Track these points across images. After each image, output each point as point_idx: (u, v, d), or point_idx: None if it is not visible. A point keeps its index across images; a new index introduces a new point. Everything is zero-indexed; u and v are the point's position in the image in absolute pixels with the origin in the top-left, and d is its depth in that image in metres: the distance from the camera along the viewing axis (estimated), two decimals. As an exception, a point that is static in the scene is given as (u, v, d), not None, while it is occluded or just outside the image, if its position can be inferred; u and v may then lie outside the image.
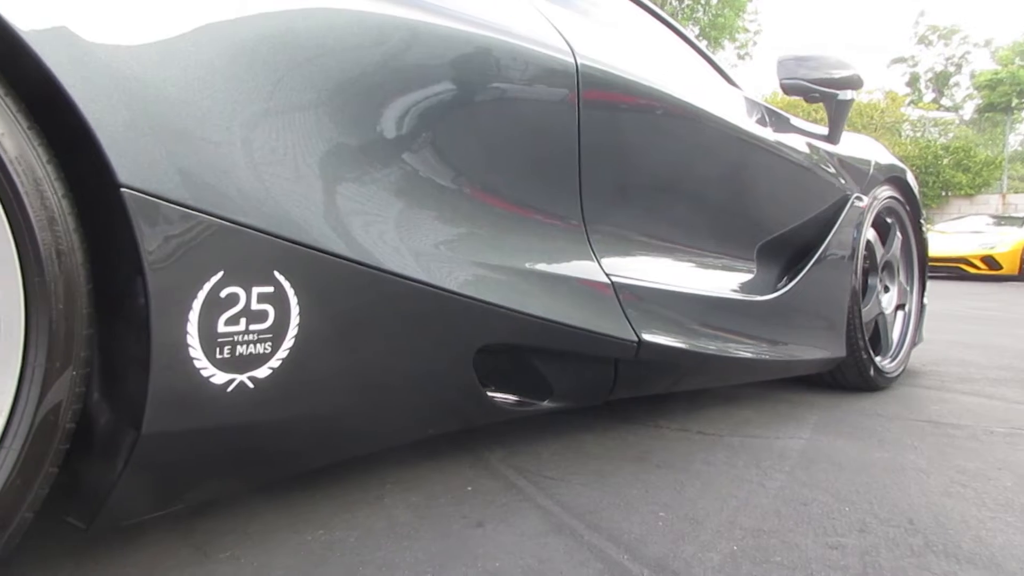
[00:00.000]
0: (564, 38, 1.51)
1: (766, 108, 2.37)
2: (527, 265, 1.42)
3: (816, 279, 2.30)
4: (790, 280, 2.24)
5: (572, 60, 1.50)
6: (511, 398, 1.53)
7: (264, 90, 1.02)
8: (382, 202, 1.18)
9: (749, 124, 2.17)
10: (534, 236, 1.46)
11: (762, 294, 2.15)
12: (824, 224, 2.40)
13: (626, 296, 1.62)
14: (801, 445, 1.89)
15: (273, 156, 1.02)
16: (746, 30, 27.51)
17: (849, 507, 1.45)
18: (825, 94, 2.35)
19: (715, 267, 2.07)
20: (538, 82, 1.44)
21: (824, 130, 2.55)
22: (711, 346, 1.89)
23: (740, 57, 27.26)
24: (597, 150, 1.57)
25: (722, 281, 2.07)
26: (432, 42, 1.26)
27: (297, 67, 1.07)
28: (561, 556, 1.18)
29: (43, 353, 0.81)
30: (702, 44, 2.46)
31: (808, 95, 2.34)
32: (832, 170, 2.49)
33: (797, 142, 2.38)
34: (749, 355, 2.05)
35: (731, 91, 2.31)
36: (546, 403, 1.58)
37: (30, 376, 0.80)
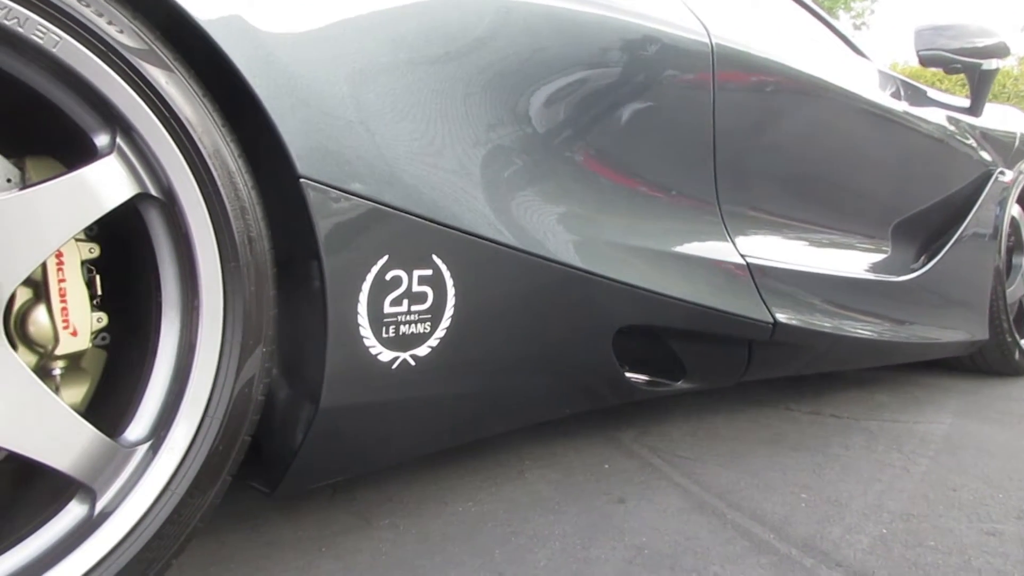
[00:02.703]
0: (699, 19, 1.50)
1: (901, 81, 2.28)
2: (665, 247, 1.43)
3: (956, 258, 2.20)
4: (928, 260, 2.15)
5: (707, 40, 1.49)
6: (645, 378, 1.55)
7: (421, 82, 1.07)
8: (529, 188, 1.21)
9: (883, 98, 2.09)
10: (671, 218, 1.47)
11: (898, 275, 2.08)
12: (965, 200, 2.29)
13: (761, 277, 1.60)
14: (944, 430, 1.83)
15: (431, 146, 1.07)
16: (863, -2, 26.18)
17: (1003, 494, 1.40)
18: (967, 64, 2.23)
19: (849, 247, 2.01)
20: (676, 65, 1.45)
21: (965, 102, 2.42)
22: (846, 328, 1.84)
23: (856, 27, 25.98)
24: (731, 130, 1.56)
25: (856, 261, 2.01)
26: (574, 30, 1.28)
27: (450, 59, 1.11)
28: (706, 533, 1.20)
29: (239, 332, 0.88)
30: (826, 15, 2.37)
31: (948, 66, 2.23)
32: (973, 144, 2.37)
33: (935, 115, 2.27)
34: (885, 337, 1.99)
35: (863, 64, 2.23)
36: (680, 383, 1.59)
37: (228, 353, 0.88)
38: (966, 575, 1.09)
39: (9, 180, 0.85)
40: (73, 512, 0.81)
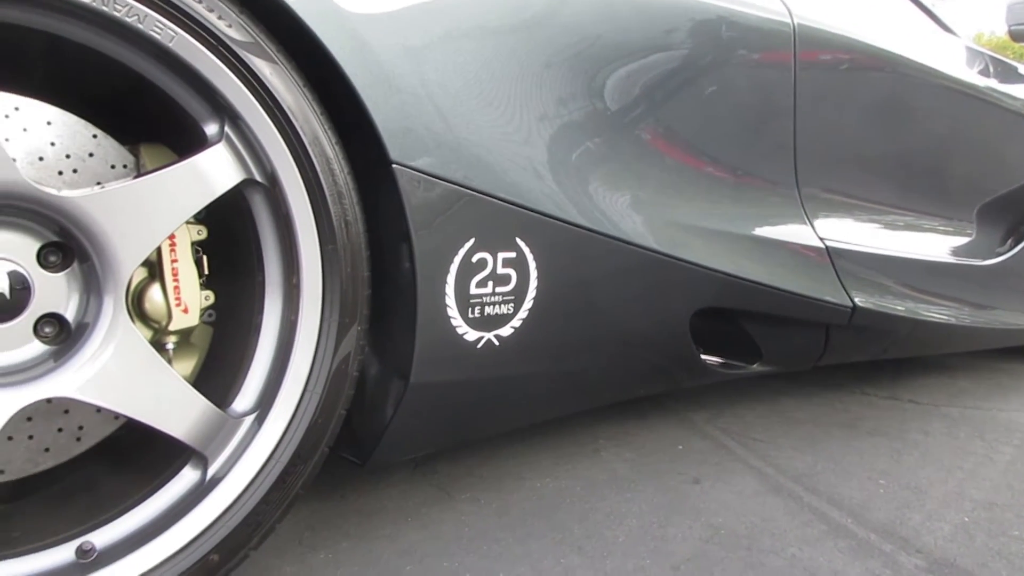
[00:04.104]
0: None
1: (990, 57, 2.20)
2: (742, 230, 1.43)
3: (1047, 242, 2.13)
4: (1016, 243, 2.08)
5: (789, 20, 1.47)
6: (721, 360, 1.55)
7: (504, 69, 1.09)
8: (608, 172, 1.23)
9: (970, 75, 2.03)
10: (749, 201, 1.47)
11: (983, 258, 2.02)
12: (1058, 182, 2.21)
13: (840, 260, 1.58)
14: (1029, 418, 1.79)
15: (514, 131, 1.09)
16: (946, -33, 25.05)
17: (1092, 485, 1.36)
18: (1063, 39, 2.14)
19: (931, 230, 1.96)
20: (757, 46, 1.43)
21: (1059, 78, 2.32)
22: (926, 312, 1.81)
23: (938, -3, 24.87)
24: (812, 112, 1.54)
25: (939, 244, 1.96)
26: (653, 12, 1.29)
27: (533, 45, 1.13)
28: (782, 516, 1.21)
29: (336, 311, 0.93)
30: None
31: (1042, 41, 2.14)
32: (1068, 122, 2.27)
33: (1026, 92, 2.19)
34: (967, 323, 1.95)
35: (949, 40, 2.16)
36: (755, 366, 1.59)
37: (326, 331, 0.93)
38: (1052, 565, 1.07)
39: (125, 166, 0.91)
40: (187, 477, 0.88)
